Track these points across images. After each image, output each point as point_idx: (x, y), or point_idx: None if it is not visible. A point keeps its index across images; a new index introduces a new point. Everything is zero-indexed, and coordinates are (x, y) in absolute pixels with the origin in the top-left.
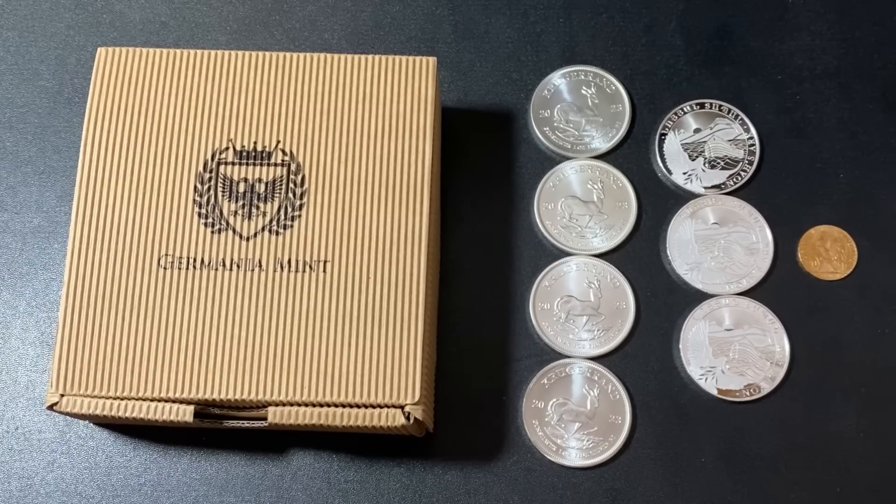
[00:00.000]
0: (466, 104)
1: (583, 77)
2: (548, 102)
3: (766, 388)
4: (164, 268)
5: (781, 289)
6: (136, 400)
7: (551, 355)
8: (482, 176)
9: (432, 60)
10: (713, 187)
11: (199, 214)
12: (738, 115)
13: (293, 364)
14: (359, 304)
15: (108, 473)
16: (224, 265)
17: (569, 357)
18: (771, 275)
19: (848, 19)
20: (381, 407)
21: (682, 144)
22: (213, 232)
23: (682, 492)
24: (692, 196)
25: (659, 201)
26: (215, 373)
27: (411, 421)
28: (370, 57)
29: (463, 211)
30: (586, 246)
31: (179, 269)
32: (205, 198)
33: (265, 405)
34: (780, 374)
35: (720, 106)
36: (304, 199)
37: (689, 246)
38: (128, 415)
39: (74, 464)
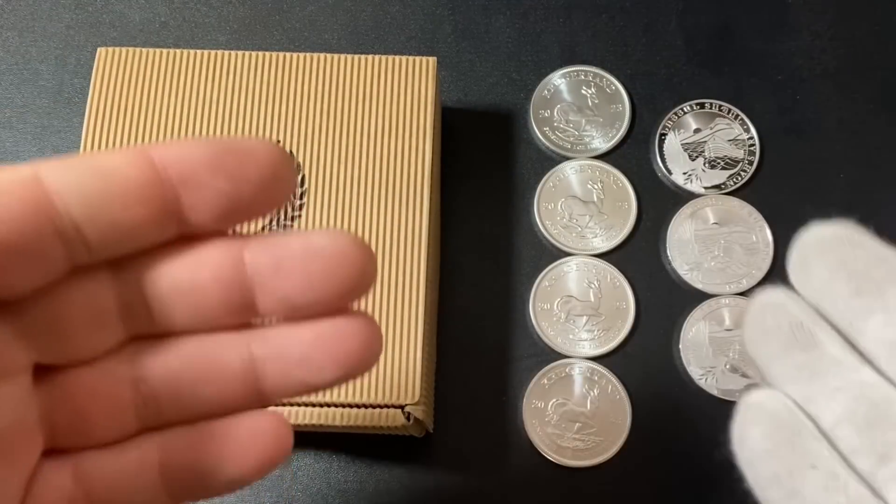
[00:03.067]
0: (466, 104)
1: (583, 77)
2: (548, 102)
3: None
4: None
5: None
6: None
7: (551, 355)
8: (482, 176)
9: (432, 60)
10: (713, 187)
11: None
12: (738, 115)
13: None
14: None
15: None
16: None
17: (569, 357)
18: (771, 275)
19: (848, 19)
20: (381, 407)
21: (682, 144)
22: None
23: (681, 492)
24: (692, 196)
25: (659, 201)
26: None
27: (411, 421)
28: (370, 57)
29: (463, 211)
30: (586, 246)
31: None
32: None
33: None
34: None
35: (720, 106)
36: (304, 199)
37: (689, 246)
38: None
39: None
